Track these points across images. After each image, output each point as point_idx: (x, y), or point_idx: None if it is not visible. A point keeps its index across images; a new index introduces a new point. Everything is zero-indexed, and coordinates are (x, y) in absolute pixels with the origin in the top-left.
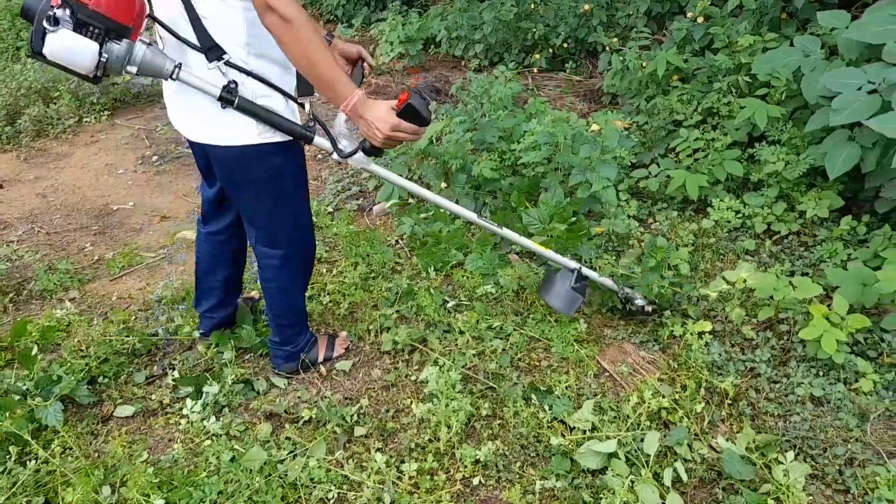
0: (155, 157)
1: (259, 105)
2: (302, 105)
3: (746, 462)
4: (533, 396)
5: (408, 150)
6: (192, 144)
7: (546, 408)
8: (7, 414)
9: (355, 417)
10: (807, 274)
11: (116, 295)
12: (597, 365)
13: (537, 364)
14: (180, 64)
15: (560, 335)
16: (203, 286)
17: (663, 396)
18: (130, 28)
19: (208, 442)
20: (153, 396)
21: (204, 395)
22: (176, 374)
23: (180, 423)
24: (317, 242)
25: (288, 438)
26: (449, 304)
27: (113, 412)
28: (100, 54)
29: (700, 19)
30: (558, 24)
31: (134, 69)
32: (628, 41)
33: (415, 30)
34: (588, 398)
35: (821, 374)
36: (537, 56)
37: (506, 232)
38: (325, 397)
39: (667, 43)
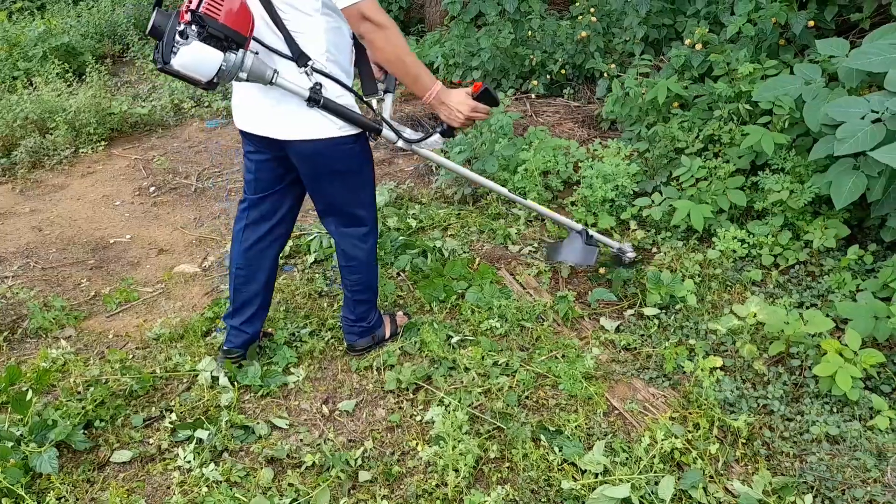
0: (152, 188)
1: (338, 103)
2: (368, 104)
3: None
4: (542, 437)
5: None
6: (262, 150)
7: (556, 449)
8: (0, 464)
9: (360, 461)
10: (815, 305)
11: (113, 332)
12: (606, 403)
13: (545, 402)
14: (277, 70)
15: (567, 371)
16: (241, 298)
17: (676, 437)
18: (247, 39)
19: (206, 490)
20: (151, 440)
21: (195, 441)
22: (174, 416)
23: (178, 470)
24: (316, 276)
25: (291, 485)
26: (453, 340)
27: (110, 458)
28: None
29: (698, 46)
30: (555, 50)
31: (244, 75)
32: (626, 67)
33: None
34: (599, 438)
35: (835, 410)
36: (535, 82)
37: (525, 202)
38: (329, 440)
39: (665, 69)
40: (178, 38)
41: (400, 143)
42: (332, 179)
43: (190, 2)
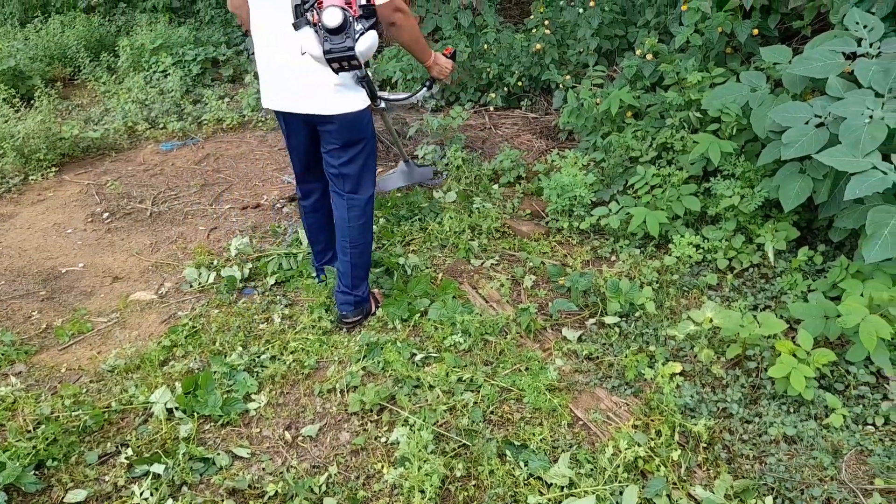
0: (105, 214)
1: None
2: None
3: None
4: (507, 452)
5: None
6: (299, 131)
7: (522, 464)
8: None
9: (324, 487)
10: (769, 307)
11: (66, 366)
12: (570, 414)
13: (510, 417)
14: None
15: (531, 384)
16: (319, 246)
17: (639, 445)
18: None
19: None
20: (106, 478)
21: (151, 476)
22: (130, 451)
23: None
24: (281, 297)
25: None
26: (417, 358)
27: (63, 498)
28: None
29: (649, 56)
30: (512, 62)
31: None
32: (581, 78)
33: (370, 72)
34: (564, 450)
35: (791, 411)
36: (493, 95)
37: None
38: (292, 467)
39: (618, 80)
40: (357, 27)
41: (382, 105)
42: (360, 145)
43: None
